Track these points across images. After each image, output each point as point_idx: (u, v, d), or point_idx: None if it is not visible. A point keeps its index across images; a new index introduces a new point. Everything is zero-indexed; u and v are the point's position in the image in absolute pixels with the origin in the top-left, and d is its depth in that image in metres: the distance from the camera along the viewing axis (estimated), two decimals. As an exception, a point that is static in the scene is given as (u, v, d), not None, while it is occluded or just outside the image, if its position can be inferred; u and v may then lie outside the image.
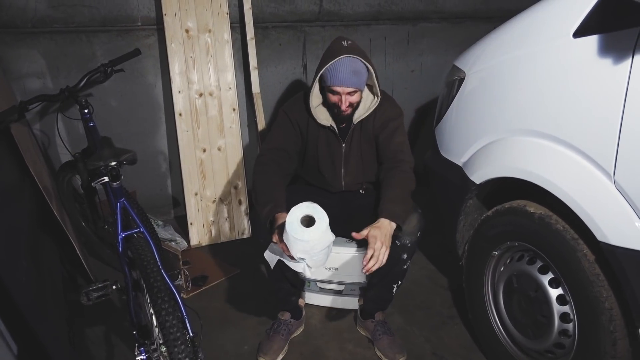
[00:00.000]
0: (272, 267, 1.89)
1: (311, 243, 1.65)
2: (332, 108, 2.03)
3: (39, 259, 2.05)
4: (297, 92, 3.38)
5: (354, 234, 1.80)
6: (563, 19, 1.58)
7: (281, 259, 1.82)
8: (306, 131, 2.14)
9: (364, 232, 1.77)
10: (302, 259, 1.74)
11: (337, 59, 1.91)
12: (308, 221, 1.67)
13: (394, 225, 1.82)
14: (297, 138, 2.15)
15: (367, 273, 1.78)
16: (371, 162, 2.20)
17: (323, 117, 2.09)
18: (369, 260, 1.72)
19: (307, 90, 2.13)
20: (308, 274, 1.79)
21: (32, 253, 1.98)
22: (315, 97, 2.08)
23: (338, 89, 1.95)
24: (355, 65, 1.92)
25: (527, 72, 1.74)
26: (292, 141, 2.14)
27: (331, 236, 1.72)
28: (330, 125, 2.09)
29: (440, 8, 3.65)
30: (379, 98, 2.07)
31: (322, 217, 1.67)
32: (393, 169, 2.00)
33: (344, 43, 1.96)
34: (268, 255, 1.87)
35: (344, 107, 1.98)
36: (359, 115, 2.08)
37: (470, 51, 2.14)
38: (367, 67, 1.96)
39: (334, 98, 1.99)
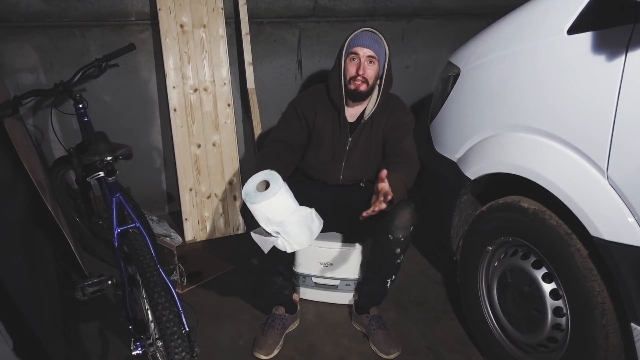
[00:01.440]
0: (265, 252, 1.80)
1: (268, 207, 1.66)
2: (349, 84, 2.06)
3: (34, 254, 2.05)
4: (292, 87, 3.44)
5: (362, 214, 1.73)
6: (557, 16, 1.59)
7: (266, 238, 1.76)
8: (313, 122, 2.18)
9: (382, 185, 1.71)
10: (277, 232, 1.71)
11: (359, 30, 2.05)
12: (266, 188, 1.69)
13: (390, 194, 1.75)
14: (302, 131, 2.19)
15: (366, 215, 1.72)
16: (375, 159, 2.22)
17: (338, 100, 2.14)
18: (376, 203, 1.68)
19: (320, 85, 2.23)
20: (289, 249, 1.73)
21: (27, 248, 1.97)
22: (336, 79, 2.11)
23: (359, 50, 2.02)
24: (375, 36, 2.05)
25: (521, 68, 1.75)
26: (297, 134, 2.17)
27: (295, 205, 1.71)
28: (343, 117, 2.13)
29: (435, 4, 3.66)
30: (383, 84, 2.12)
31: (275, 180, 1.68)
32: (401, 162, 2.04)
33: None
34: (255, 236, 1.80)
35: (361, 73, 2.02)
36: (370, 109, 2.14)
37: (465, 47, 2.15)
38: (384, 44, 2.06)
39: (352, 67, 2.04)
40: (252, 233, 1.82)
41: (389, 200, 1.71)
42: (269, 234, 1.74)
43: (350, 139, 2.16)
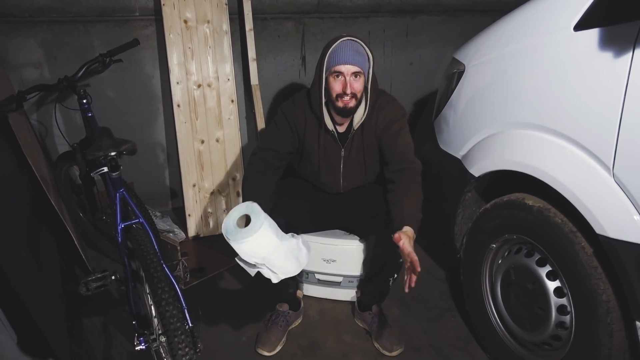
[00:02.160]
0: (251, 275, 1.77)
1: (251, 245, 1.60)
2: (336, 101, 1.96)
3: (38, 249, 2.05)
4: (296, 84, 3.43)
5: (396, 237, 1.70)
6: (564, 12, 1.58)
7: (249, 264, 1.72)
8: (303, 133, 2.10)
9: (401, 244, 1.68)
10: (263, 264, 1.67)
11: (338, 41, 1.92)
12: (246, 222, 1.63)
13: (414, 233, 1.78)
14: (293, 139, 2.11)
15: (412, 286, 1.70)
16: (372, 165, 2.18)
17: (326, 118, 2.05)
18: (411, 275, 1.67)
19: (307, 91, 2.11)
20: (274, 279, 1.70)
21: (31, 244, 1.97)
22: (317, 96, 2.02)
23: (342, 67, 1.90)
24: (356, 46, 1.92)
25: (527, 65, 1.74)
26: (286, 142, 2.10)
27: (277, 241, 1.64)
28: (331, 130, 2.06)
29: (440, 1, 3.64)
30: (370, 93, 2.02)
31: (257, 216, 1.61)
32: (405, 170, 1.97)
33: (344, 34, 1.96)
34: (240, 262, 1.75)
35: (348, 92, 1.91)
36: (359, 119, 2.05)
37: (470, 44, 2.14)
38: (367, 52, 1.95)
39: (337, 85, 1.93)
40: (236, 259, 1.75)
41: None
42: (253, 265, 1.69)
43: (342, 150, 2.12)
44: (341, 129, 2.10)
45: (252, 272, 1.74)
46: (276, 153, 2.09)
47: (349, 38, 1.92)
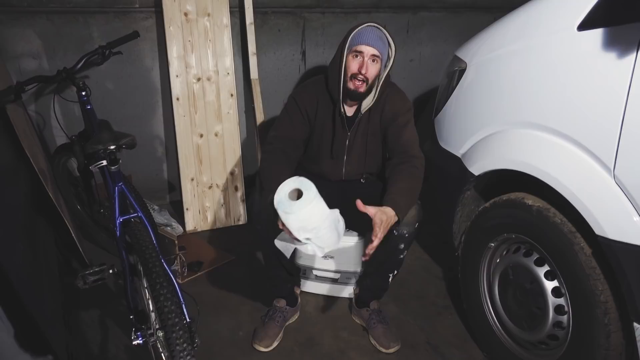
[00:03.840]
0: (287, 256, 1.85)
1: (304, 215, 1.63)
2: (349, 81, 1.98)
3: (35, 241, 2.04)
4: (296, 78, 3.42)
5: (358, 203, 1.76)
6: (567, 12, 1.58)
7: (291, 245, 1.78)
8: (314, 118, 2.12)
9: (371, 210, 1.75)
10: (308, 239, 1.69)
11: (365, 24, 1.95)
12: (298, 195, 1.65)
13: (395, 218, 1.81)
14: (305, 126, 2.13)
15: (365, 260, 1.80)
16: (374, 153, 2.18)
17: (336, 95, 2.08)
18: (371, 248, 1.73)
19: (321, 76, 2.15)
20: (319, 253, 1.73)
21: (28, 236, 1.97)
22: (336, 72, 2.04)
23: (363, 48, 1.93)
24: (380, 34, 1.96)
25: (529, 64, 1.73)
26: (300, 129, 2.11)
27: (327, 210, 1.68)
28: (342, 111, 2.08)
29: (441, -3, 3.63)
30: (381, 84, 2.04)
31: (309, 187, 1.64)
32: (403, 164, 1.98)
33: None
34: (279, 243, 1.82)
35: (363, 71, 1.94)
36: (367, 104, 2.07)
37: (472, 42, 2.14)
38: (389, 42, 1.98)
39: (354, 64, 1.95)
40: (276, 241, 1.81)
41: (397, 221, 1.83)
42: (297, 241, 1.72)
43: (349, 134, 2.13)
44: (349, 112, 2.12)
45: (289, 253, 1.79)
46: (292, 141, 2.09)
47: (376, 25, 1.96)
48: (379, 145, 2.17)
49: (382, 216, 1.75)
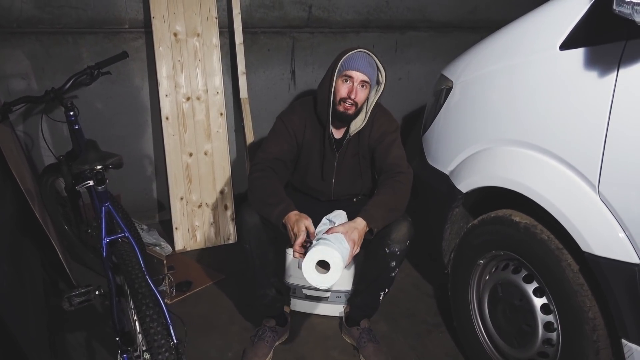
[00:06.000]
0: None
1: (332, 282, 1.64)
2: (338, 105, 2.00)
3: (20, 262, 2.02)
4: (285, 97, 3.44)
5: (327, 230, 1.76)
6: (550, 32, 1.61)
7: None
8: (302, 140, 2.13)
9: (339, 229, 1.74)
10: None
11: (356, 50, 1.98)
12: (322, 264, 1.64)
13: (365, 227, 1.80)
14: (293, 147, 2.13)
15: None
16: (363, 174, 2.20)
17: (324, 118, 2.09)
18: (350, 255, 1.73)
19: (309, 98, 2.17)
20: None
21: (13, 257, 1.94)
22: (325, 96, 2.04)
23: (353, 73, 1.95)
24: (370, 60, 1.99)
25: (514, 83, 1.76)
26: (288, 150, 2.11)
27: (345, 256, 1.67)
28: (329, 135, 2.08)
29: (429, 17, 3.69)
30: (371, 110, 2.08)
31: (332, 256, 1.62)
32: (388, 179, 2.01)
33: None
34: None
35: (353, 97, 1.96)
36: (356, 127, 2.09)
37: (458, 61, 2.17)
38: (378, 68, 2.02)
39: (344, 89, 1.98)
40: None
41: (369, 229, 1.81)
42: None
43: (337, 155, 2.14)
44: (337, 135, 2.14)
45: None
46: (281, 162, 2.09)
47: (366, 51, 1.99)
48: (367, 167, 2.19)
49: (350, 228, 1.75)
